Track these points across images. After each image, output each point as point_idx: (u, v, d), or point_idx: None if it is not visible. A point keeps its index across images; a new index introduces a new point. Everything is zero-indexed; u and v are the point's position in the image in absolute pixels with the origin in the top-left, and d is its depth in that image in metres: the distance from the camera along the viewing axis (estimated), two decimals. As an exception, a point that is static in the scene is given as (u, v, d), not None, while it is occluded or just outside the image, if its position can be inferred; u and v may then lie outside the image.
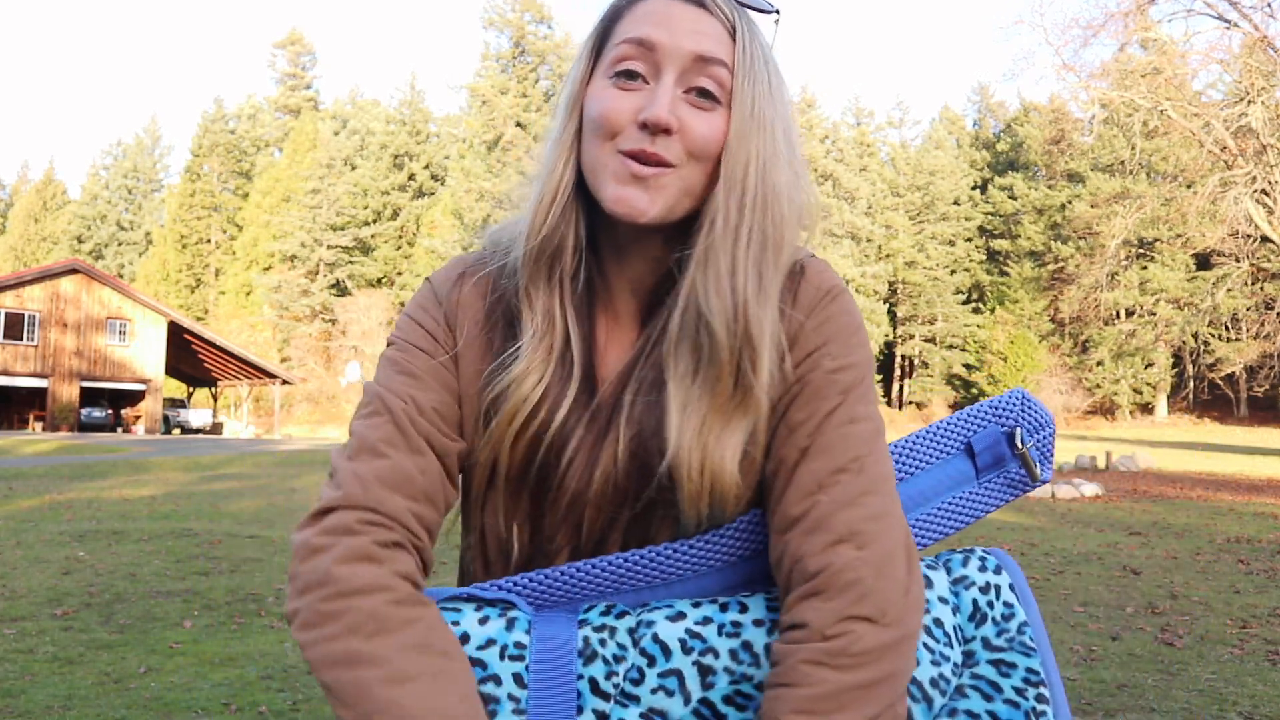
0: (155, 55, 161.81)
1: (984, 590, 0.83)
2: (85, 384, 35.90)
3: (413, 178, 59.37)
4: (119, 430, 36.08)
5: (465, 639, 0.76)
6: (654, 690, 0.74)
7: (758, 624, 0.77)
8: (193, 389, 48.27)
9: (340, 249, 56.42)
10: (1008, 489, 0.92)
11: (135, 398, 38.45)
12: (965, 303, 53.89)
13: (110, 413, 36.18)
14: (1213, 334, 40.82)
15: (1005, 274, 52.72)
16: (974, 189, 55.96)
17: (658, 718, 0.74)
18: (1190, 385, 47.21)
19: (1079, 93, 25.55)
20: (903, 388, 54.87)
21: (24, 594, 4.89)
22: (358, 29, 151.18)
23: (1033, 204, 51.83)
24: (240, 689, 3.34)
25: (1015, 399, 0.93)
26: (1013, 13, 77.69)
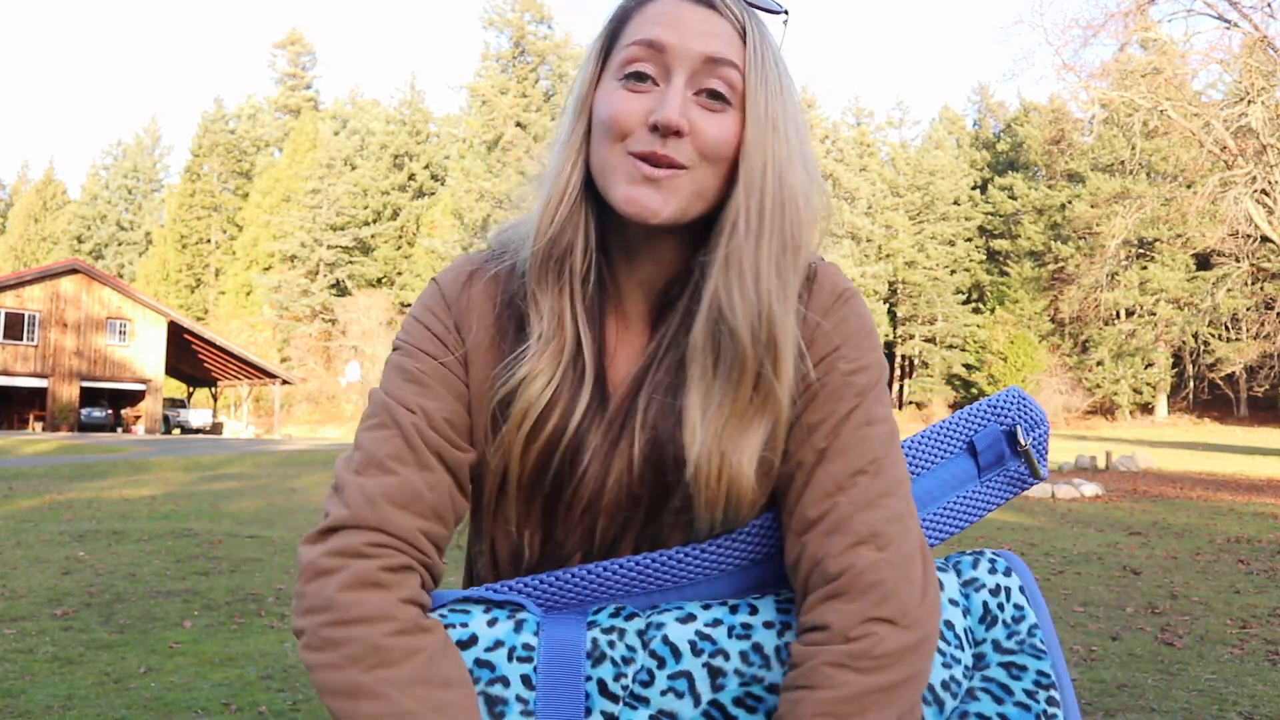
0: (155, 55, 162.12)
1: (994, 592, 0.83)
2: (85, 384, 35.89)
3: (413, 178, 59.37)
4: (119, 430, 36.06)
5: (473, 640, 0.75)
6: (663, 692, 0.74)
7: (768, 626, 0.77)
8: (193, 389, 48.26)
9: (340, 249, 56.41)
10: (1008, 487, 0.92)
11: (135, 398, 38.44)
12: (965, 303, 53.89)
13: (110, 413, 36.17)
14: (1213, 334, 40.81)
15: (1005, 274, 52.72)
16: (974, 189, 55.95)
17: (666, 719, 0.74)
18: (1190, 385, 47.21)
19: (1079, 93, 25.55)
20: (903, 388, 54.85)
21: (24, 594, 4.89)
22: (358, 29, 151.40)
23: (1033, 204, 51.83)
24: (240, 689, 3.34)
25: (1012, 398, 0.94)
26: (1013, 13, 77.90)
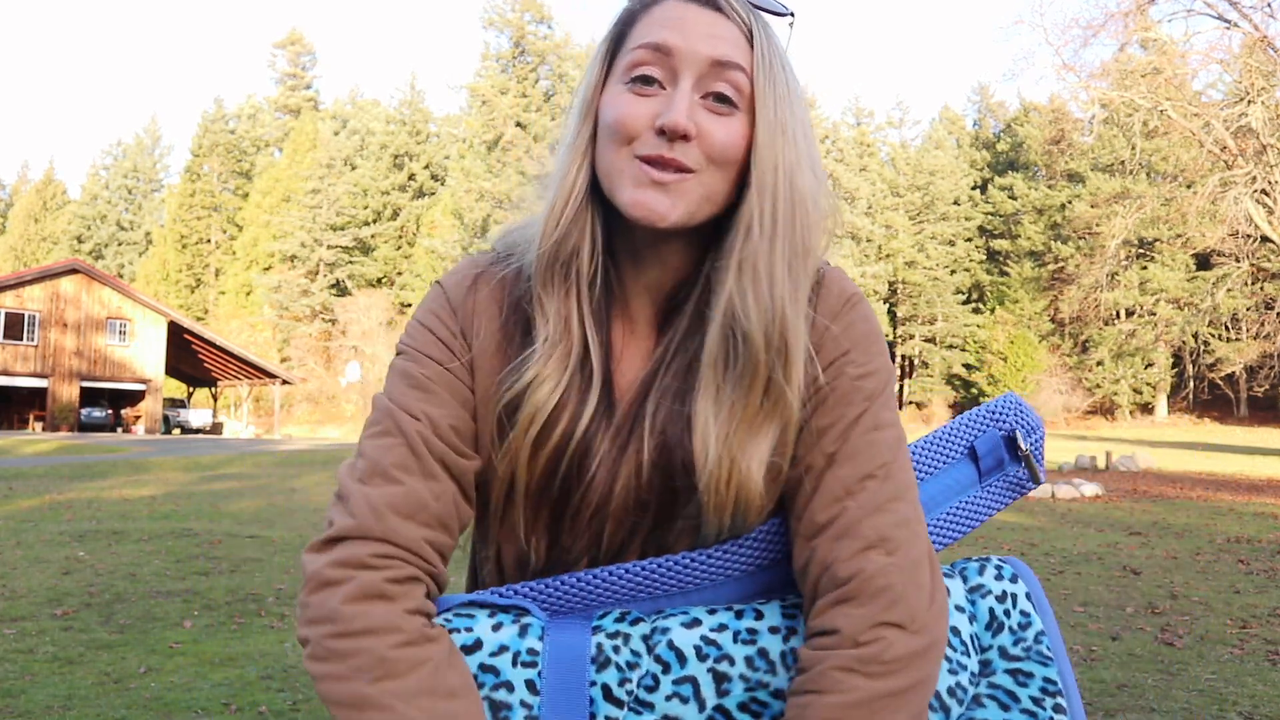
0: (155, 55, 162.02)
1: (1000, 599, 0.83)
2: (85, 384, 35.89)
3: (413, 178, 59.37)
4: (119, 430, 36.07)
5: (478, 645, 0.75)
6: (668, 697, 0.74)
7: (773, 631, 0.77)
8: (193, 389, 48.26)
9: (340, 249, 56.42)
10: (1008, 491, 0.93)
11: (135, 398, 38.44)
12: (965, 303, 53.90)
13: (110, 413, 36.17)
14: (1213, 334, 40.82)
15: (1005, 274, 52.73)
16: (974, 189, 55.95)
17: None
18: (1190, 385, 47.22)
19: (1079, 93, 25.52)
20: (903, 388, 54.83)
21: (24, 594, 4.88)
22: (358, 29, 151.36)
23: (1033, 204, 51.84)
24: (240, 689, 3.34)
25: (1010, 403, 0.94)
26: (1013, 13, 77.87)
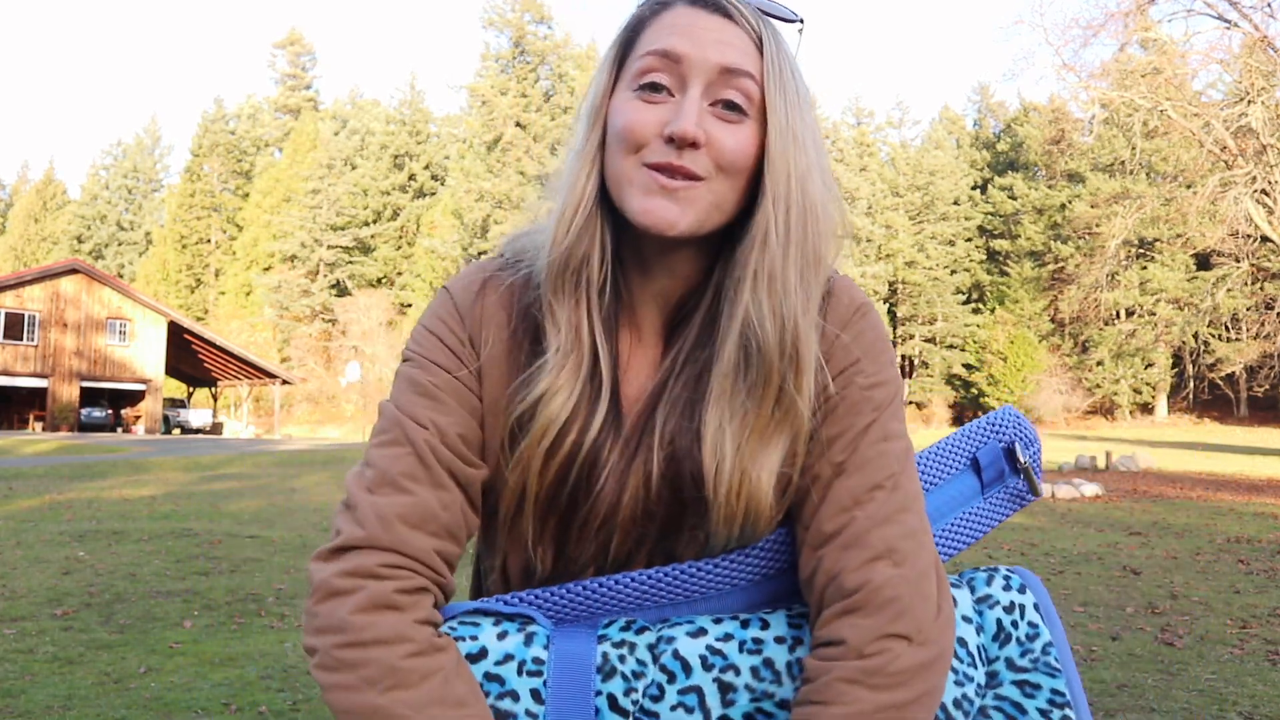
0: (155, 55, 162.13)
1: (1008, 610, 0.82)
2: (85, 384, 35.90)
3: (413, 178, 59.37)
4: (119, 430, 36.07)
5: (483, 654, 0.75)
6: (674, 707, 0.73)
7: (779, 641, 0.76)
8: (193, 389, 48.26)
9: (340, 249, 56.42)
10: (1008, 503, 0.93)
11: (135, 398, 38.44)
12: (965, 303, 53.90)
13: (110, 413, 36.17)
14: (1213, 334, 40.80)
15: (1005, 274, 52.73)
16: (974, 189, 55.95)
17: None
18: (1190, 385, 47.22)
19: (1079, 93, 25.51)
20: (903, 388, 54.86)
21: (24, 594, 4.88)
22: (358, 29, 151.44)
23: (1033, 204, 51.84)
24: (240, 689, 3.33)
25: (1009, 416, 0.94)
26: (1013, 13, 77.91)
